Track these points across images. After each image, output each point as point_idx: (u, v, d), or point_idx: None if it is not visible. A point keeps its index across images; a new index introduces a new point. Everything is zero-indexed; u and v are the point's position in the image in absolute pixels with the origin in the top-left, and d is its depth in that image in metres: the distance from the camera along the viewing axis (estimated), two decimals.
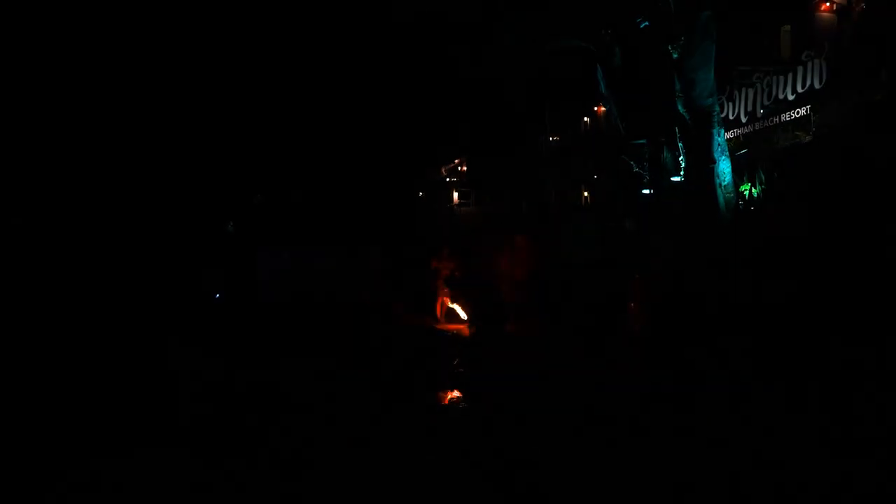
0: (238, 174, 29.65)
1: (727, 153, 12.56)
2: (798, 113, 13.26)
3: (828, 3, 14.42)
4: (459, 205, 29.94)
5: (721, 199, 12.04)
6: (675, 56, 12.39)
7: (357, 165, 32.02)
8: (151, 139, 26.64)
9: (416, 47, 23.40)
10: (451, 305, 18.42)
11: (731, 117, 15.00)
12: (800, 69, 13.20)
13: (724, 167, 12.30)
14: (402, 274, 21.32)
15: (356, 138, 32.22)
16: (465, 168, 31.74)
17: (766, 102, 14.11)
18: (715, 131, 12.35)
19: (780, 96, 13.71)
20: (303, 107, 31.33)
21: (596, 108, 24.19)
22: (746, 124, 14.69)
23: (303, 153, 31.66)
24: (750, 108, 14.63)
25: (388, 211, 29.86)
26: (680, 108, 12.56)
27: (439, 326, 17.63)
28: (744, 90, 14.79)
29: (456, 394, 10.44)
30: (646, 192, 15.74)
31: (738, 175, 12.85)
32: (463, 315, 18.06)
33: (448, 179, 32.56)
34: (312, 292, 20.91)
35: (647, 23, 13.82)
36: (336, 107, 31.27)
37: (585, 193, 23.32)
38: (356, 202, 30.59)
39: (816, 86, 12.88)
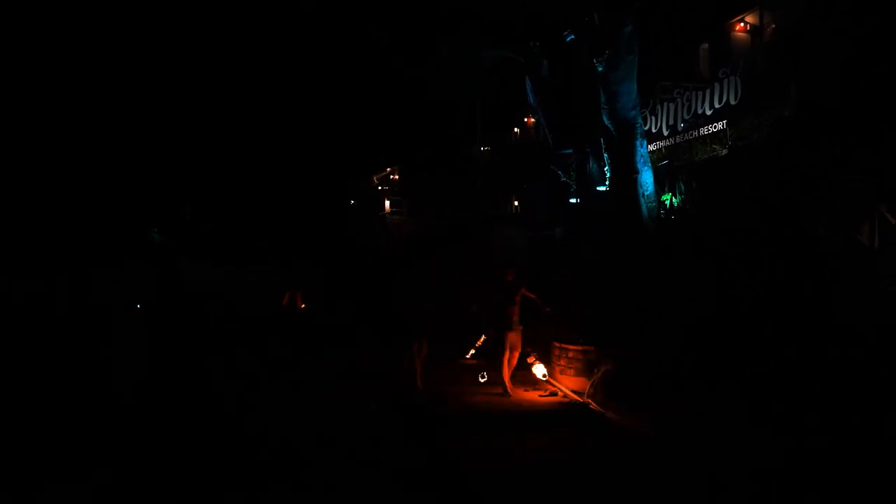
0: (165, 182, 28.77)
1: (650, 164, 12.97)
2: (715, 127, 13.88)
3: (742, 24, 15.21)
4: (391, 213, 29.91)
5: (644, 207, 12.41)
6: (600, 69, 12.73)
7: (289, 173, 31.54)
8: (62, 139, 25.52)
9: (350, 57, 23.30)
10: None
11: (654, 130, 15.54)
12: (717, 86, 13.82)
13: (647, 177, 12.70)
14: (346, 290, 19.63)
15: (288, 147, 31.76)
16: (396, 176, 31.76)
17: (686, 117, 14.69)
18: (638, 143, 12.73)
19: (699, 111, 14.31)
20: (234, 117, 30.71)
21: (526, 119, 24.69)
22: (668, 137, 15.25)
23: (233, 162, 31.01)
24: (671, 122, 15.20)
25: (322, 220, 29.48)
26: (605, 119, 12.90)
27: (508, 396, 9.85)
28: (666, 105, 15.37)
29: None
30: (573, 200, 16.07)
31: (660, 185, 13.28)
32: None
33: (380, 188, 32.52)
34: (237, 305, 20.25)
35: (573, 36, 14.16)
36: (268, 117, 30.79)
37: (516, 203, 23.68)
38: (289, 211, 30.10)
39: (732, 102, 13.50)
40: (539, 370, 10.24)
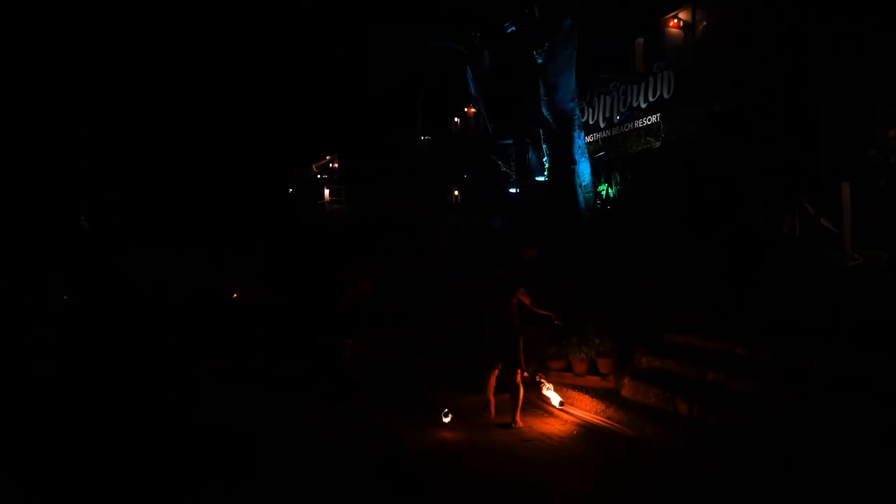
0: (92, 168, 27.66)
1: (587, 155, 13.26)
2: (649, 120, 14.25)
3: (676, 21, 15.64)
4: (331, 202, 29.65)
5: (581, 197, 12.70)
6: (539, 61, 12.92)
7: (225, 161, 30.84)
8: None
9: (289, 44, 22.93)
10: None
11: (591, 122, 15.85)
12: (651, 80, 14.17)
13: (584, 168, 12.99)
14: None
15: (224, 134, 31.05)
16: (336, 165, 31.49)
17: (622, 109, 15.03)
18: (576, 134, 13.00)
19: (634, 104, 14.66)
20: (168, 102, 29.78)
21: (467, 110, 24.83)
22: (605, 129, 15.59)
23: (167, 148, 30.11)
24: (608, 115, 15.53)
25: (262, 207, 28.93)
26: (544, 110, 13.11)
27: None
28: (603, 97, 15.68)
29: None
30: (513, 190, 16.29)
31: (597, 176, 13.59)
32: None
33: (319, 176, 32.18)
34: (174, 294, 19.73)
35: (513, 27, 14.32)
36: (203, 102, 29.99)
37: (456, 192, 23.83)
38: (228, 197, 29.45)
39: (665, 96, 13.87)
40: (554, 398, 8.47)
